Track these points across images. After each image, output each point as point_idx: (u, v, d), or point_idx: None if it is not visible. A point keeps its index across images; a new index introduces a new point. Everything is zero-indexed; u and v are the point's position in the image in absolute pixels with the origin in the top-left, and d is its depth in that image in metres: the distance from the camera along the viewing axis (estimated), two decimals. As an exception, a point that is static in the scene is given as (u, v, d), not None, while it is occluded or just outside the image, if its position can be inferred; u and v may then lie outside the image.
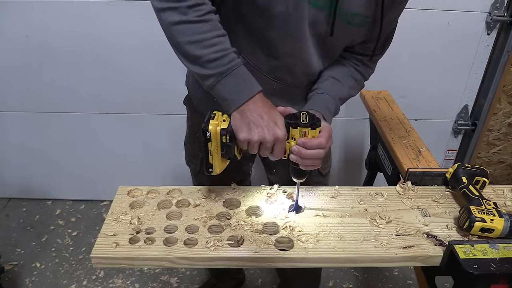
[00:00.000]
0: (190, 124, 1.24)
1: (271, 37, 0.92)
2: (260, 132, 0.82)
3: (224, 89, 0.83)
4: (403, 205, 0.97)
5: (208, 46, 0.81)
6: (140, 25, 1.74)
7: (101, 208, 2.28)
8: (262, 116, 0.82)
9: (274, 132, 0.82)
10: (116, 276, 1.87)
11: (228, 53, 0.83)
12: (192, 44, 0.81)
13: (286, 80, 1.01)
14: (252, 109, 0.82)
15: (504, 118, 1.99)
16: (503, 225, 0.83)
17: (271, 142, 0.83)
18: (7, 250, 1.98)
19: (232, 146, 0.85)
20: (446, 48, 1.83)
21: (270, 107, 0.85)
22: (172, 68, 1.82)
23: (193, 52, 0.81)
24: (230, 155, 0.86)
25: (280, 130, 0.82)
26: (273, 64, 0.97)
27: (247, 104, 0.82)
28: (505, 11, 1.74)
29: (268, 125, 0.82)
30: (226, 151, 0.85)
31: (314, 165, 0.86)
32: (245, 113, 0.82)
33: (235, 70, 0.83)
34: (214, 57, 0.81)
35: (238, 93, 0.83)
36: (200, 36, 0.80)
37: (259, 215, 0.93)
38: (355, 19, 0.90)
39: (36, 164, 2.20)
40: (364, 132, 2.02)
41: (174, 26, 0.80)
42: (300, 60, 0.96)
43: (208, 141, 0.84)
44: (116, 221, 0.90)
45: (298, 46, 0.93)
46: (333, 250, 0.84)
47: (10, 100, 2.00)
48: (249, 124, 0.82)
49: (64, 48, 1.83)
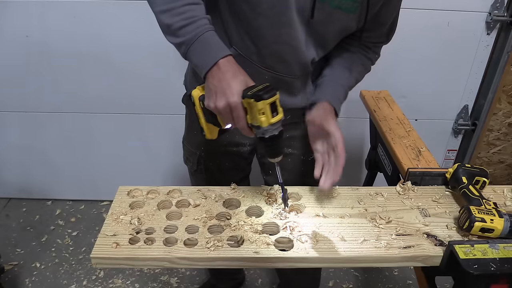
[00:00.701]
0: (188, 122, 1.24)
1: (258, 24, 0.92)
2: (216, 99, 0.81)
3: (194, 57, 0.84)
4: (403, 205, 0.96)
5: (177, 14, 0.82)
6: (139, 25, 1.75)
7: (101, 208, 2.28)
8: (221, 83, 0.80)
9: (226, 98, 0.79)
10: (116, 276, 1.87)
11: (196, 19, 0.83)
12: (164, 13, 0.83)
13: (278, 69, 1.00)
14: (214, 76, 0.81)
15: (504, 118, 1.99)
16: (503, 225, 0.83)
17: (223, 108, 0.80)
18: (7, 250, 1.98)
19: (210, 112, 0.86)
20: (446, 48, 1.83)
21: (233, 74, 0.81)
22: (171, 68, 1.82)
23: (165, 20, 0.83)
24: (212, 121, 0.88)
25: (232, 96, 0.79)
26: (263, 52, 0.97)
27: (211, 70, 0.82)
28: (505, 11, 1.74)
29: (222, 91, 0.80)
30: (207, 117, 0.88)
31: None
32: (209, 80, 0.82)
33: (201, 36, 0.83)
34: (182, 24, 0.82)
35: (204, 59, 0.83)
36: (170, 5, 0.82)
37: (259, 215, 0.93)
38: (343, 4, 0.90)
39: (36, 164, 2.20)
40: (364, 132, 2.02)
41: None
42: (290, 46, 0.96)
43: (193, 105, 0.88)
44: (116, 221, 0.90)
45: (285, 31, 0.93)
46: (333, 250, 0.84)
47: (10, 100, 2.00)
48: (210, 90, 0.82)
49: (64, 48, 1.83)
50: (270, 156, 0.87)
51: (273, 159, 0.87)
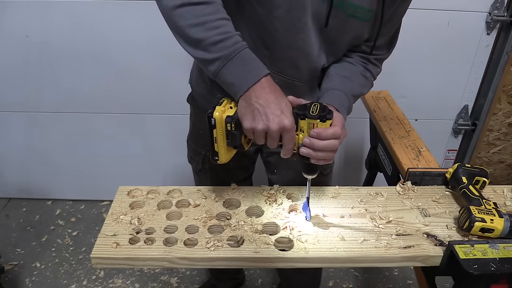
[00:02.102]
0: (193, 121, 1.23)
1: (273, 28, 0.90)
2: (265, 120, 0.77)
3: (229, 74, 0.79)
4: (403, 205, 0.97)
5: (211, 28, 0.78)
6: (140, 25, 1.74)
7: (101, 208, 2.28)
8: (268, 103, 0.78)
9: (279, 121, 0.77)
10: (116, 276, 1.87)
11: (232, 35, 0.79)
12: (194, 27, 0.77)
13: (288, 73, 0.99)
14: (258, 96, 0.78)
15: (504, 118, 1.99)
16: (503, 225, 0.83)
17: (276, 132, 0.78)
18: (7, 250, 1.98)
19: (238, 134, 0.81)
20: (446, 48, 1.83)
21: (278, 94, 0.80)
22: (173, 68, 1.82)
23: (195, 35, 0.78)
24: (235, 143, 0.82)
25: (287, 119, 0.78)
26: (275, 56, 0.95)
27: (253, 89, 0.78)
28: (505, 11, 1.74)
29: (274, 113, 0.77)
30: (232, 140, 0.81)
31: (326, 158, 0.81)
32: (251, 100, 0.78)
33: (241, 52, 0.79)
34: (217, 39, 0.78)
35: (243, 77, 0.79)
36: (203, 18, 0.77)
37: (259, 215, 0.93)
38: (359, 12, 0.88)
39: (36, 164, 2.20)
40: (364, 132, 2.02)
41: (175, 10, 0.78)
42: (303, 52, 0.94)
43: (213, 128, 0.80)
44: (116, 221, 0.90)
45: (300, 37, 0.91)
46: (333, 250, 0.84)
47: (10, 100, 2.00)
48: (254, 111, 0.78)
49: (64, 48, 1.83)
50: (308, 172, 0.86)
51: (309, 176, 0.87)
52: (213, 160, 0.85)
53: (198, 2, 0.77)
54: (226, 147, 0.83)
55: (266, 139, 0.81)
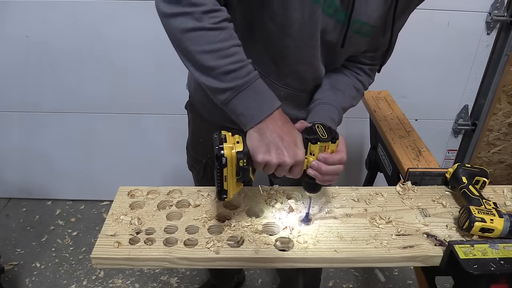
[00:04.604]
0: (192, 129, 1.21)
1: (285, 45, 0.89)
2: (280, 154, 0.76)
3: (241, 104, 0.77)
4: (403, 205, 0.96)
5: (224, 56, 0.74)
6: (140, 25, 1.74)
7: (101, 208, 2.28)
8: (282, 136, 0.77)
9: (294, 155, 0.77)
10: (116, 276, 1.87)
11: (245, 64, 0.77)
12: (207, 54, 0.74)
13: (295, 86, 0.99)
14: (272, 129, 0.77)
15: (504, 118, 1.99)
16: (503, 225, 0.83)
17: (290, 165, 0.78)
18: (7, 250, 1.98)
19: (249, 169, 0.79)
20: (446, 48, 1.84)
21: (290, 126, 0.80)
22: (172, 68, 1.81)
23: (208, 62, 0.74)
24: (246, 178, 0.80)
25: (301, 152, 0.78)
26: (283, 71, 0.95)
27: (266, 122, 0.77)
28: (505, 11, 1.74)
29: (289, 147, 0.77)
30: (243, 175, 0.78)
31: (331, 180, 0.82)
32: (264, 133, 0.76)
33: (253, 83, 0.77)
34: (231, 69, 0.75)
35: (256, 109, 0.77)
36: (216, 46, 0.74)
37: (259, 216, 0.93)
38: (363, 28, 0.88)
39: (36, 164, 2.20)
40: (364, 132, 2.02)
41: (186, 33, 0.74)
42: (311, 67, 0.95)
43: (224, 166, 0.76)
44: (116, 221, 0.90)
45: (311, 54, 0.91)
46: (333, 250, 0.84)
47: (10, 100, 2.00)
48: (268, 145, 0.76)
49: (64, 48, 1.83)
50: (310, 191, 0.86)
51: (311, 193, 0.87)
52: (220, 199, 0.82)
53: (211, 28, 0.74)
54: (235, 183, 0.80)
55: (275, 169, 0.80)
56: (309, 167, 0.81)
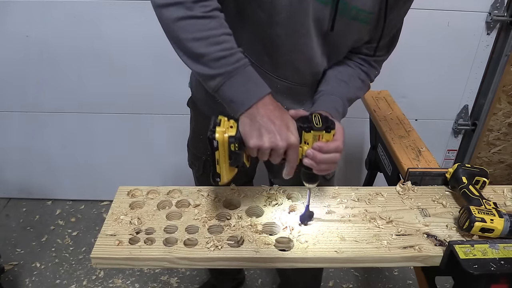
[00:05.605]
0: (194, 126, 1.22)
1: (274, 33, 0.89)
2: (272, 138, 0.76)
3: (230, 90, 0.78)
4: (403, 205, 0.97)
5: (214, 43, 0.76)
6: (140, 25, 1.74)
7: (101, 208, 2.28)
8: (273, 120, 0.77)
9: (286, 138, 0.76)
10: (116, 276, 1.87)
11: (235, 52, 0.78)
12: (197, 41, 0.76)
13: (291, 78, 0.99)
14: (262, 113, 0.77)
15: (504, 118, 1.99)
16: (503, 225, 0.83)
17: (283, 149, 0.77)
18: (7, 250, 1.98)
19: (241, 154, 0.79)
20: (446, 48, 1.83)
21: (282, 110, 0.80)
22: (173, 68, 1.82)
23: (198, 49, 0.76)
24: (238, 163, 0.80)
25: (293, 135, 0.77)
26: (276, 61, 0.95)
27: (256, 106, 0.77)
28: (505, 11, 1.74)
29: (280, 130, 0.76)
30: (235, 159, 0.79)
31: (328, 169, 0.82)
32: (255, 117, 0.77)
33: (243, 70, 0.78)
34: (220, 55, 0.76)
35: (246, 93, 0.78)
36: (206, 33, 0.75)
37: (259, 215, 0.93)
38: (360, 15, 0.88)
39: (36, 164, 2.20)
40: (364, 132, 2.02)
41: (177, 22, 0.76)
42: (305, 57, 0.94)
43: (216, 150, 0.77)
44: (116, 221, 0.90)
45: (302, 42, 0.91)
46: (333, 250, 0.84)
47: (10, 100, 2.00)
48: (259, 129, 0.76)
49: (64, 48, 1.83)
50: (308, 181, 0.86)
51: (309, 185, 0.86)
52: (214, 182, 0.82)
53: (202, 16, 0.75)
54: (228, 168, 0.81)
55: (270, 155, 0.80)
56: (305, 156, 0.81)
